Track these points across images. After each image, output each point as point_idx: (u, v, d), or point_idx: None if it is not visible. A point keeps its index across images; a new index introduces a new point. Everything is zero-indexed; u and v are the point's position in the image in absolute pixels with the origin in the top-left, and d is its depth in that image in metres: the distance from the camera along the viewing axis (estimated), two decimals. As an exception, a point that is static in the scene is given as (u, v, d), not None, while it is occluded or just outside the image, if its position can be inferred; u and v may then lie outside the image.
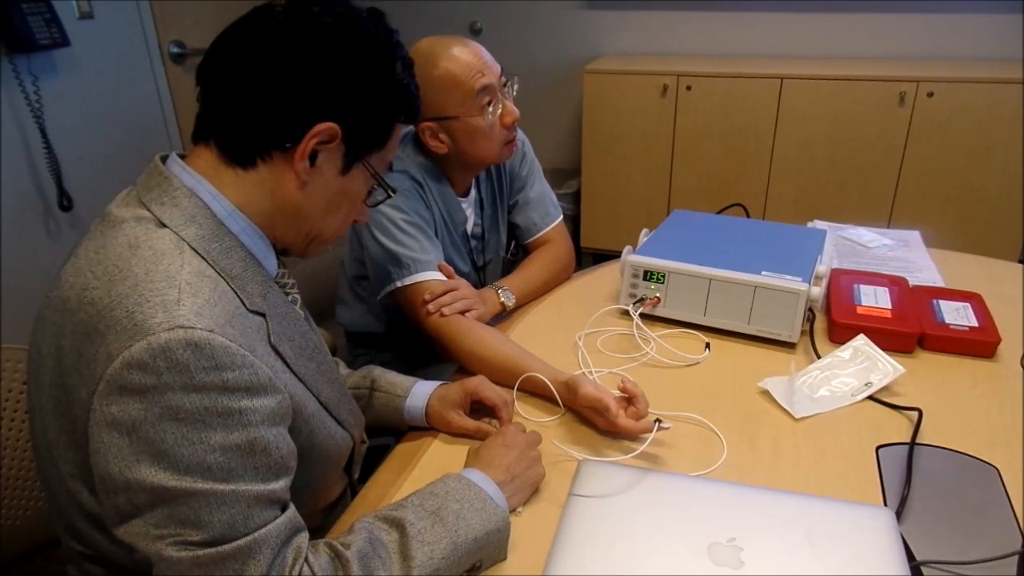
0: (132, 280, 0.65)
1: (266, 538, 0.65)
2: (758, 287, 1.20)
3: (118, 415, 0.62)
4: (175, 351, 0.61)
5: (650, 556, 0.74)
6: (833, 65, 2.83)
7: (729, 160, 2.91)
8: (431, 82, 1.22)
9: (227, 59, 0.73)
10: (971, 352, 1.19)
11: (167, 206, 0.71)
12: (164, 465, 0.62)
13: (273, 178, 0.74)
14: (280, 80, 0.71)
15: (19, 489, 1.04)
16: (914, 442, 0.97)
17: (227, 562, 0.63)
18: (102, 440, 0.63)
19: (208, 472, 0.62)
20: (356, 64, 0.73)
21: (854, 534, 0.77)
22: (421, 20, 3.44)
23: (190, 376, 0.61)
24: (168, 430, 0.61)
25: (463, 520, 0.75)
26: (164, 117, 2.54)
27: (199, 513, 0.62)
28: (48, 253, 2.12)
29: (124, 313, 0.63)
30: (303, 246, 0.82)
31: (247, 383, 0.65)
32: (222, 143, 0.74)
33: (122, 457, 0.62)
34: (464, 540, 0.74)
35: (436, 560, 0.72)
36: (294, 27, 0.72)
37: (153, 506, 0.63)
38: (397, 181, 1.29)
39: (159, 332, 0.61)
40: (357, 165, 0.78)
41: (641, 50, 3.25)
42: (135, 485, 0.62)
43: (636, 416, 0.96)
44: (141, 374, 0.61)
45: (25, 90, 1.99)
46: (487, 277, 1.51)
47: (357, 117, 0.75)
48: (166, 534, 0.62)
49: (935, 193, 2.73)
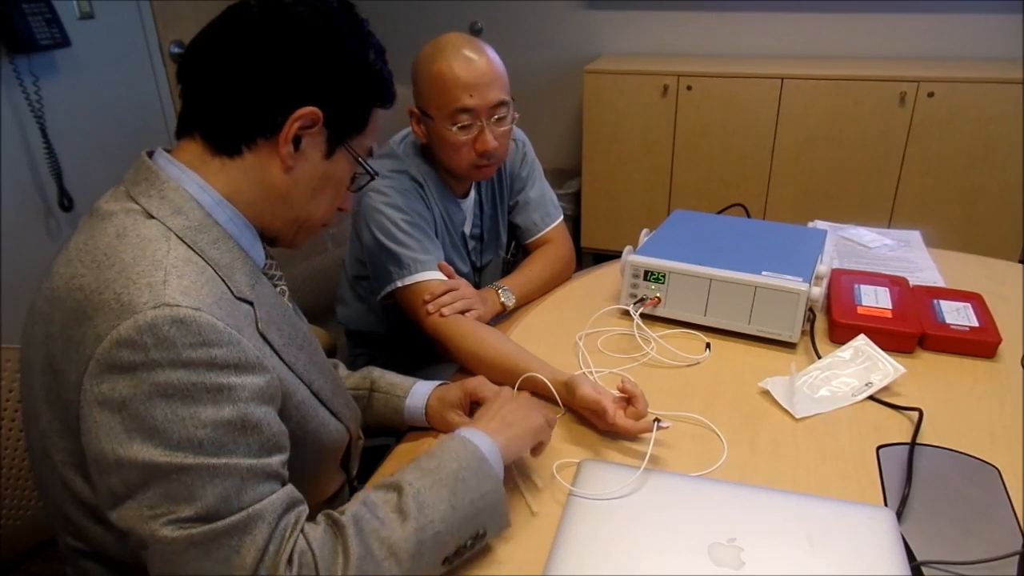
0: (119, 266, 0.66)
1: (262, 512, 0.65)
2: (758, 287, 1.20)
3: (108, 393, 0.62)
4: (161, 327, 0.62)
5: (650, 556, 0.74)
6: (833, 65, 2.83)
7: (729, 160, 2.91)
8: (424, 74, 1.23)
9: (206, 53, 0.75)
10: (971, 352, 1.19)
11: (154, 198, 0.72)
12: (155, 442, 0.62)
13: (259, 165, 0.76)
14: (259, 67, 0.73)
15: (19, 489, 1.04)
16: (914, 442, 0.97)
17: (222, 538, 0.62)
18: (93, 419, 0.63)
19: (199, 447, 0.62)
20: (330, 50, 0.75)
21: (854, 534, 0.77)
22: (421, 20, 3.44)
23: (177, 352, 0.62)
24: (158, 407, 0.62)
25: (461, 481, 0.75)
26: (164, 117, 2.54)
27: (192, 489, 0.62)
28: (48, 253, 2.12)
29: (112, 295, 0.64)
30: (291, 234, 0.83)
31: (235, 360, 0.65)
32: (206, 134, 0.75)
33: (113, 435, 0.62)
34: (461, 502, 0.74)
35: (437, 522, 0.71)
36: (268, 18, 0.74)
37: (146, 484, 0.62)
38: (397, 181, 1.29)
39: (145, 310, 0.62)
40: (340, 149, 0.80)
41: (641, 50, 3.25)
42: (127, 463, 0.62)
43: (636, 416, 0.96)
44: (129, 351, 0.62)
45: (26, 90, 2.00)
46: (487, 278, 1.51)
47: (335, 101, 0.76)
48: (160, 513, 0.62)
49: (935, 193, 2.73)
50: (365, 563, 0.67)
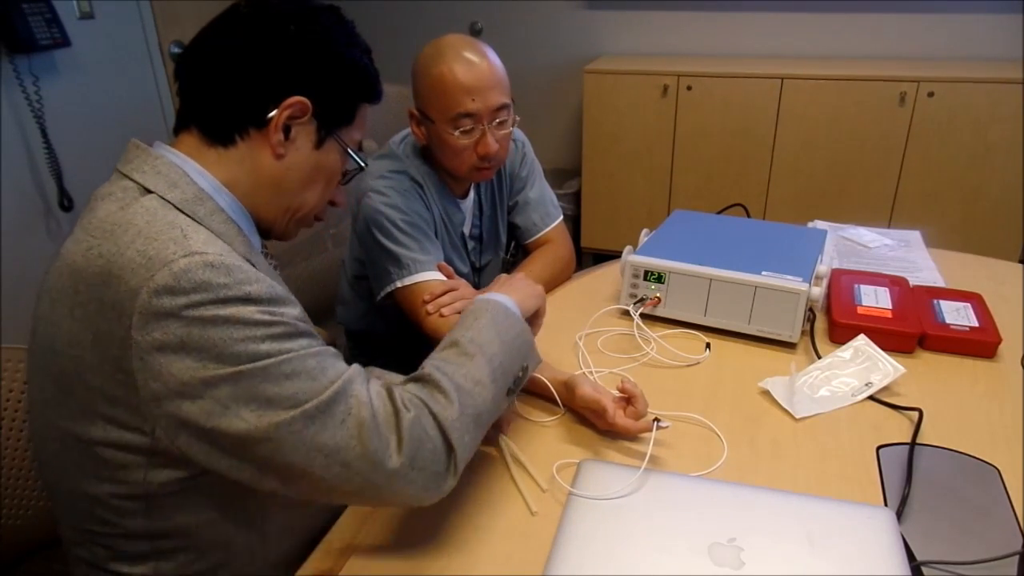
0: (134, 230, 0.68)
1: (352, 377, 0.72)
2: (758, 287, 1.20)
3: (162, 339, 0.65)
4: (196, 272, 0.65)
5: (650, 556, 0.74)
6: (833, 65, 2.83)
7: (729, 160, 2.91)
8: (425, 77, 1.22)
9: (200, 51, 0.79)
10: (971, 352, 1.19)
11: (148, 173, 0.74)
12: (225, 361, 0.65)
13: (252, 154, 0.79)
14: (248, 59, 0.77)
15: (19, 489, 1.04)
16: (914, 442, 0.97)
17: (332, 405, 0.69)
18: (157, 364, 0.65)
19: (266, 355, 0.67)
20: (316, 43, 0.79)
21: (854, 534, 0.77)
22: (421, 20, 3.45)
23: (216, 292, 0.66)
24: (214, 336, 0.65)
25: (498, 324, 0.85)
26: (164, 117, 2.54)
27: (278, 381, 0.67)
28: (48, 253, 2.12)
29: (135, 253, 0.66)
30: (284, 224, 0.86)
31: (268, 294, 0.69)
32: (202, 125, 0.78)
33: (185, 368, 0.65)
34: (506, 338, 0.84)
35: (498, 354, 0.82)
36: (257, 15, 0.79)
37: (235, 396, 0.66)
38: (397, 181, 1.29)
39: (177, 259, 0.65)
40: (329, 140, 0.83)
41: (641, 50, 3.25)
42: (212, 381, 0.65)
43: (635, 416, 0.96)
44: (170, 298, 0.64)
45: (26, 90, 2.00)
46: (486, 278, 1.51)
47: (323, 93, 0.80)
48: (261, 410, 0.66)
49: (935, 193, 2.73)
50: (461, 395, 0.77)
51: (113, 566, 0.78)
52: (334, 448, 0.68)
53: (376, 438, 0.70)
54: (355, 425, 0.69)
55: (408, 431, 0.71)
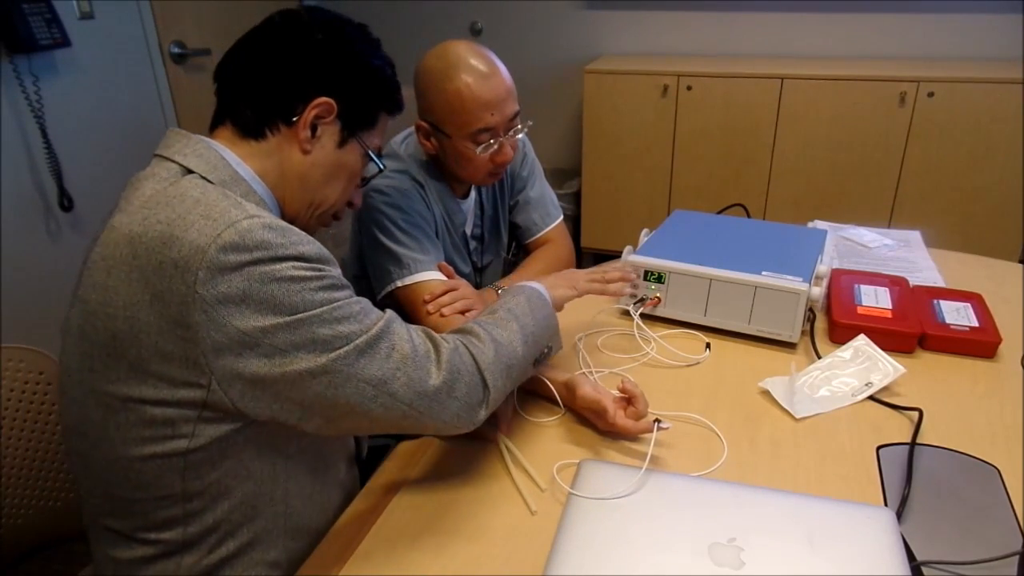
0: (190, 201, 0.74)
1: (393, 317, 0.81)
2: (758, 287, 1.20)
3: (226, 291, 0.70)
4: (257, 231, 0.72)
5: (650, 556, 0.74)
6: (833, 65, 2.83)
7: (729, 160, 2.91)
8: (440, 92, 1.20)
9: (237, 56, 0.87)
10: (971, 352, 1.19)
11: (190, 156, 0.80)
12: (283, 311, 0.72)
13: (281, 148, 0.86)
14: (282, 63, 0.85)
15: (19, 488, 1.04)
16: (914, 442, 0.97)
17: (379, 341, 0.77)
18: (222, 316, 0.70)
19: (320, 303, 0.74)
20: (342, 50, 0.88)
21: (854, 534, 0.77)
22: (421, 20, 3.45)
23: (274, 250, 0.72)
24: (272, 290, 0.72)
25: (531, 303, 0.96)
26: (165, 117, 2.54)
27: (331, 325, 0.74)
28: (48, 253, 2.13)
29: (198, 217, 0.72)
30: (307, 218, 0.92)
31: (317, 254, 0.76)
32: (236, 120, 0.86)
33: (247, 316, 0.71)
34: (538, 316, 0.95)
35: (530, 324, 0.93)
36: (290, 25, 0.87)
37: (292, 342, 0.72)
38: (398, 181, 1.29)
39: (240, 220, 0.72)
40: (351, 141, 0.91)
41: (641, 50, 3.25)
42: (269, 329, 0.72)
43: (636, 416, 0.96)
44: (235, 254, 0.70)
45: (26, 90, 2.00)
46: (488, 278, 1.51)
47: (347, 96, 0.88)
48: (315, 351, 0.73)
49: (935, 193, 2.73)
50: (498, 346, 0.87)
51: (141, 534, 0.80)
52: (381, 379, 0.76)
53: (417, 368, 0.79)
54: (399, 358, 0.78)
55: (447, 362, 0.81)
